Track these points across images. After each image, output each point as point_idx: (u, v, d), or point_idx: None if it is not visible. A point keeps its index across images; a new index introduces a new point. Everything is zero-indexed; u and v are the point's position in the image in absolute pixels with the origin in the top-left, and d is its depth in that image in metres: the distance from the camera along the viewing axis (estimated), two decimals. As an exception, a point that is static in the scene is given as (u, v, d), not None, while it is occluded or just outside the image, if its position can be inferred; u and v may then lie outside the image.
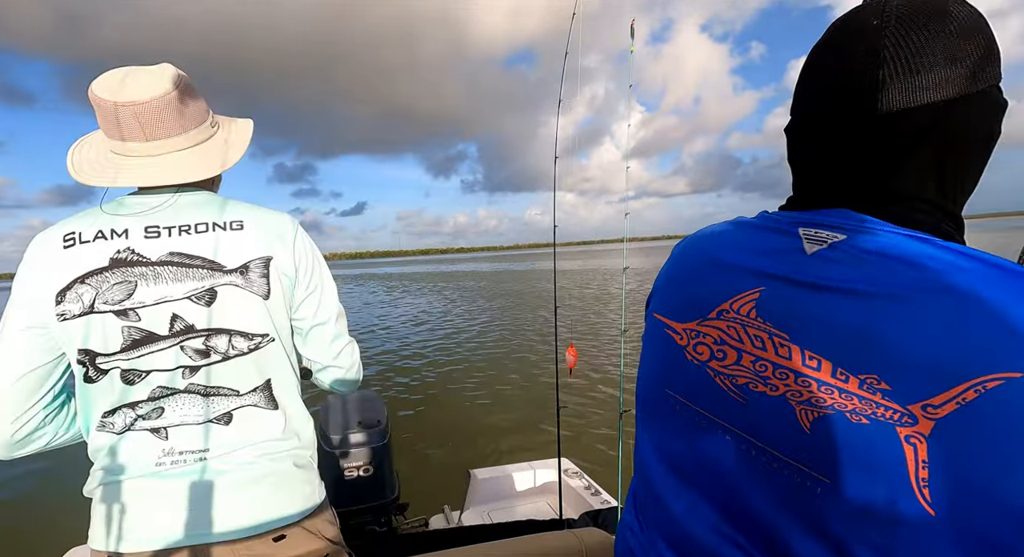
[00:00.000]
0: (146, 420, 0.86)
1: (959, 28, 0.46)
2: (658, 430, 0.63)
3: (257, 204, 0.95)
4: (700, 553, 0.55)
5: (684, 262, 0.63)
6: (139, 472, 0.86)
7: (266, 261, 0.88)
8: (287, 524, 0.90)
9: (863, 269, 0.45)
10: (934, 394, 0.39)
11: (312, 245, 0.96)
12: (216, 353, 0.86)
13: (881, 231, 0.47)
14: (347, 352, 1.02)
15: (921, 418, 0.40)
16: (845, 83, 0.50)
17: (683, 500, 0.58)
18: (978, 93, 0.47)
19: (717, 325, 0.55)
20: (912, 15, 0.47)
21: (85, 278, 0.81)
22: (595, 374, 7.21)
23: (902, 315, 0.42)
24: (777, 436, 0.48)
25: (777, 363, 0.49)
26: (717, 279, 0.56)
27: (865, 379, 0.43)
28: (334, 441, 2.30)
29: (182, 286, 0.84)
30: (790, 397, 0.47)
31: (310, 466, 0.97)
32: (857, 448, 0.43)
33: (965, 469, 0.38)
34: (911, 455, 0.40)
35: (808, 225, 0.52)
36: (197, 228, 0.86)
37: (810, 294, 0.48)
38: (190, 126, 0.87)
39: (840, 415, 0.44)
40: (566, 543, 1.24)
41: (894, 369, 0.41)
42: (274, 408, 0.92)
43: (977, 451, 0.38)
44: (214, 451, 0.87)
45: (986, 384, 0.37)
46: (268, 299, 0.88)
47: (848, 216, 0.50)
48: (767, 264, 0.52)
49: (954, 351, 0.39)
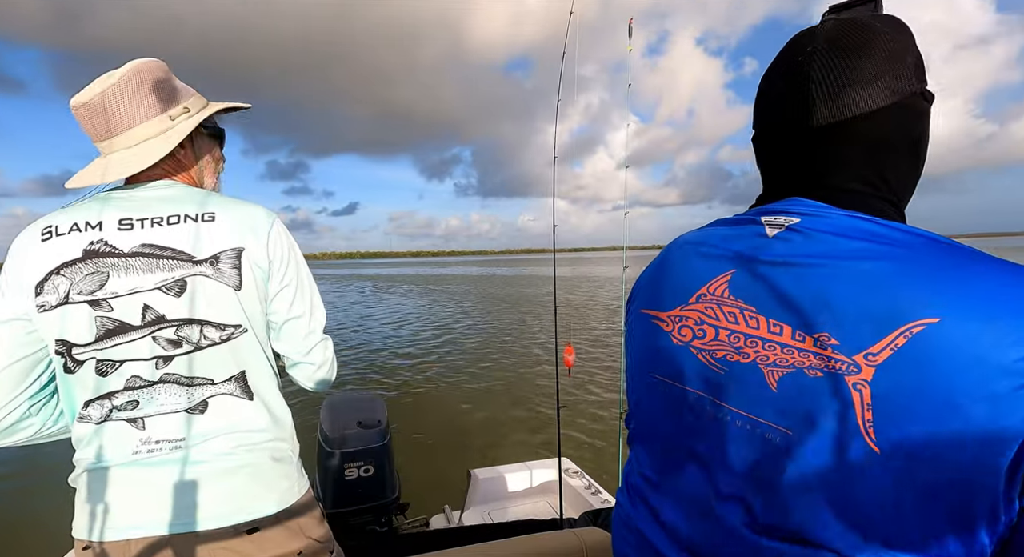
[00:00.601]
0: (122, 410, 0.87)
1: (882, 50, 0.54)
2: (646, 414, 0.68)
3: (244, 200, 0.96)
4: (696, 524, 0.59)
5: (666, 262, 0.70)
6: (117, 461, 0.87)
7: (237, 252, 0.88)
8: (261, 517, 0.90)
9: (814, 245, 0.53)
10: (873, 342, 0.45)
11: (289, 240, 0.96)
12: (188, 343, 0.87)
13: (828, 214, 0.54)
14: (319, 349, 1.02)
15: (864, 366, 0.46)
16: (786, 102, 0.58)
17: (673, 478, 0.62)
18: (898, 104, 0.54)
19: (697, 308, 0.61)
20: (839, 40, 0.55)
21: (60, 269, 0.83)
22: (593, 374, 7.21)
23: (846, 279, 0.49)
24: (750, 399, 0.54)
25: (748, 333, 0.55)
26: (696, 268, 0.64)
27: (818, 337, 0.49)
28: (334, 441, 2.29)
29: (153, 277, 0.85)
30: (759, 361, 0.53)
31: (290, 461, 0.97)
32: (814, 398, 0.48)
33: (900, 407, 0.44)
34: (857, 399, 0.46)
35: (769, 213, 0.59)
36: (169, 220, 0.87)
37: (772, 270, 0.55)
38: (152, 114, 0.89)
39: (799, 371, 0.50)
40: (566, 543, 1.25)
41: (841, 325, 0.48)
42: (249, 398, 0.92)
43: (908, 390, 0.43)
44: (190, 440, 0.88)
45: (912, 329, 0.44)
46: (240, 290, 0.88)
47: (802, 203, 0.57)
48: (736, 249, 0.60)
49: (888, 304, 0.46)
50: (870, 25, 0.55)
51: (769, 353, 0.52)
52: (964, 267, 0.46)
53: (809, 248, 0.53)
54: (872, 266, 0.48)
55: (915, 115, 0.56)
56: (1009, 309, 0.42)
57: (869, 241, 0.50)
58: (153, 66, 0.91)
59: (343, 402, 2.59)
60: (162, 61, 0.93)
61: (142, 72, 0.89)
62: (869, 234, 0.51)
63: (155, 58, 0.93)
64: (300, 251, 1.00)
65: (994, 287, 0.44)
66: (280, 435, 0.95)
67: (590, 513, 2.32)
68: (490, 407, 6.35)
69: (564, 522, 2.17)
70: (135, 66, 0.89)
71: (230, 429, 0.90)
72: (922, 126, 0.57)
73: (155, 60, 0.92)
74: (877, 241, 0.50)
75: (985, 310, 0.42)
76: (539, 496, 2.88)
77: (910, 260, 0.47)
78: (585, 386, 6.67)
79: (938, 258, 0.47)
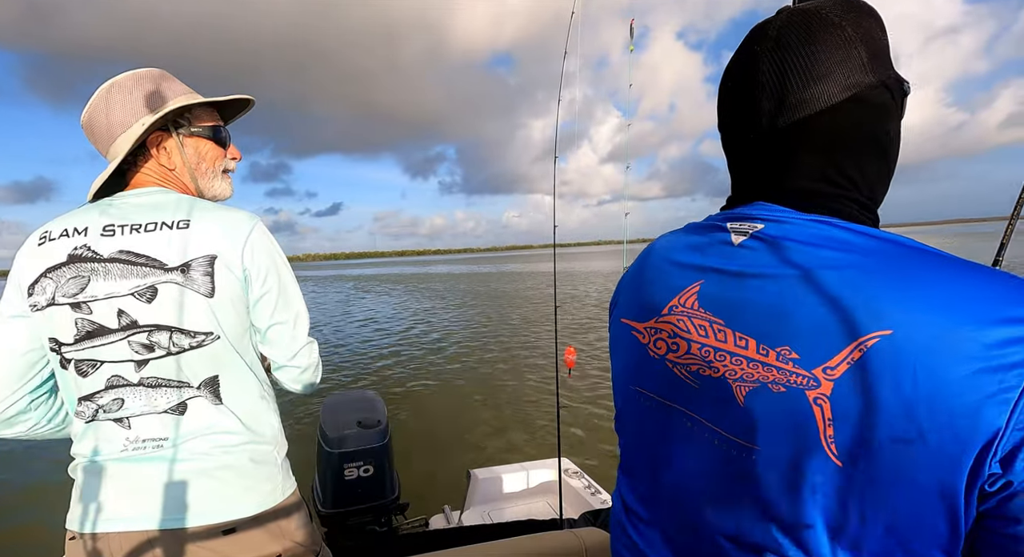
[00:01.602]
0: (107, 411, 0.90)
1: (831, 44, 0.51)
2: (634, 425, 0.68)
3: (228, 204, 0.97)
4: (675, 533, 0.60)
5: (643, 268, 0.69)
6: (106, 457, 0.91)
7: (210, 259, 0.89)
8: (238, 518, 0.91)
9: (775, 254, 0.52)
10: (831, 356, 0.45)
11: (271, 244, 0.96)
12: (160, 348, 0.88)
13: (789, 219, 0.53)
14: (305, 353, 1.02)
15: (823, 380, 0.45)
16: (737, 104, 0.58)
17: (654, 486, 0.63)
18: (854, 99, 0.52)
19: (670, 320, 0.60)
20: (785, 38, 0.53)
21: (47, 272, 0.88)
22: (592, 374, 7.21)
23: (805, 290, 0.48)
24: (720, 413, 0.54)
25: (717, 347, 0.54)
26: (668, 278, 0.63)
27: (780, 351, 0.49)
28: (334, 441, 2.29)
29: (127, 283, 0.87)
30: (727, 376, 0.53)
31: (273, 463, 0.97)
32: (777, 414, 0.48)
33: (859, 421, 0.44)
34: (819, 414, 0.45)
35: (735, 219, 0.58)
36: (147, 227, 0.89)
37: (737, 281, 0.54)
38: (128, 124, 0.93)
39: (764, 386, 0.50)
40: (566, 543, 1.25)
41: (800, 339, 0.47)
42: (219, 403, 0.93)
43: (865, 403, 0.43)
44: (172, 440, 0.90)
45: (867, 343, 0.43)
46: (212, 297, 0.89)
47: (765, 207, 0.56)
48: (704, 259, 0.59)
49: (844, 317, 0.45)
50: (822, 17, 0.52)
51: (736, 368, 0.52)
52: (921, 276, 0.44)
53: (771, 257, 0.52)
54: (832, 276, 0.47)
55: (874, 109, 0.53)
56: (963, 319, 0.41)
57: (831, 248, 0.49)
58: (129, 78, 0.94)
59: (343, 402, 2.59)
60: (153, 69, 0.97)
61: (117, 85, 0.93)
62: (831, 240, 0.49)
63: (150, 68, 0.96)
64: (284, 255, 1.00)
65: (949, 296, 0.42)
66: (257, 438, 0.96)
67: (590, 513, 2.32)
68: (490, 407, 6.36)
69: (564, 522, 2.17)
70: (112, 81, 0.94)
71: (207, 431, 0.92)
72: (884, 119, 0.54)
73: (140, 71, 0.96)
74: (839, 248, 0.49)
75: (939, 321, 0.41)
76: (539, 496, 2.88)
77: (869, 269, 0.46)
78: (586, 386, 6.68)
79: (898, 266, 0.45)
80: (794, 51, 0.52)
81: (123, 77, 0.94)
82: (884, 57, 0.53)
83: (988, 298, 0.42)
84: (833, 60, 0.51)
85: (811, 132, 0.53)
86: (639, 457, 0.67)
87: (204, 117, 1.02)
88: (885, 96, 0.53)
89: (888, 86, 0.53)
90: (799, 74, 0.52)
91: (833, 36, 0.51)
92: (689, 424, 0.58)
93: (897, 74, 0.54)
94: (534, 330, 11.93)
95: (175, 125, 0.97)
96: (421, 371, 8.37)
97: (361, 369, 8.77)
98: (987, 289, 0.42)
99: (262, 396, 0.98)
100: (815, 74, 0.51)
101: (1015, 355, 0.39)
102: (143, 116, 0.93)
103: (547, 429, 5.36)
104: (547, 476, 2.89)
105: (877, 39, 0.52)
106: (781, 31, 0.53)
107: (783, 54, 0.53)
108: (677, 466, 0.59)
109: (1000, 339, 0.40)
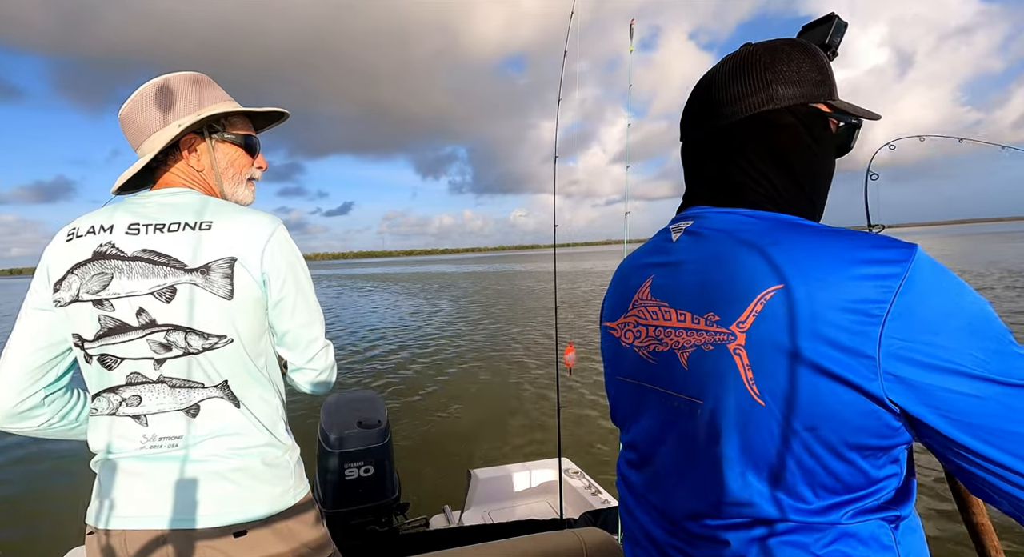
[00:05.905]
0: (128, 406, 0.91)
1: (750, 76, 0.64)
2: (620, 408, 0.78)
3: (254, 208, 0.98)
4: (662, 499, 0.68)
5: (617, 278, 0.81)
6: (124, 454, 0.92)
7: (230, 262, 0.89)
8: (249, 520, 0.91)
9: (697, 242, 0.65)
10: (741, 312, 0.56)
11: (291, 248, 0.97)
12: (177, 348, 0.89)
13: (706, 213, 0.67)
14: (321, 355, 1.04)
15: (738, 333, 0.56)
16: (687, 115, 0.73)
17: (644, 461, 0.72)
18: (753, 119, 0.64)
19: (634, 313, 0.72)
20: (728, 67, 0.67)
21: (74, 269, 0.89)
22: (592, 374, 7.21)
23: (719, 264, 0.60)
24: (672, 379, 0.65)
25: (665, 326, 0.66)
26: (631, 279, 0.75)
27: (707, 317, 0.60)
28: (334, 441, 2.29)
29: (148, 282, 0.88)
30: (673, 346, 0.64)
31: (285, 466, 0.97)
32: (711, 369, 0.59)
33: (769, 362, 0.54)
34: (739, 363, 0.56)
35: (676, 221, 0.71)
36: (170, 227, 0.90)
37: (674, 269, 0.67)
38: (161, 124, 0.96)
39: (699, 348, 0.60)
40: (567, 543, 1.25)
41: (719, 303, 0.59)
42: (236, 405, 0.93)
43: (770, 346, 0.53)
44: (185, 440, 0.91)
45: (765, 296, 0.54)
46: (231, 300, 0.89)
47: (699, 209, 0.69)
48: (654, 257, 0.72)
49: (747, 279, 0.56)
50: (764, 54, 0.65)
51: (679, 339, 0.63)
52: (801, 240, 0.56)
53: (695, 245, 0.65)
54: (737, 250, 0.59)
55: (772, 128, 0.64)
56: (834, 270, 0.52)
57: (735, 229, 0.62)
58: (173, 79, 0.97)
59: (343, 402, 2.59)
60: (198, 74, 0.99)
61: (159, 85, 0.96)
62: (735, 223, 0.63)
63: (192, 71, 0.99)
64: (303, 258, 1.00)
65: (825, 254, 0.53)
66: (271, 441, 0.96)
67: (590, 513, 2.32)
68: (491, 407, 6.36)
69: (564, 522, 2.17)
70: (156, 80, 0.96)
71: (221, 432, 0.92)
72: (784, 138, 0.64)
73: (183, 73, 0.98)
74: (741, 229, 0.61)
75: (815, 273, 0.52)
76: (539, 496, 2.88)
77: (763, 241, 0.58)
78: (587, 385, 6.67)
79: (785, 236, 0.57)
80: (729, 78, 0.66)
81: (168, 78, 0.96)
82: (802, 89, 0.64)
83: (847, 249, 0.53)
84: (749, 88, 0.65)
85: (723, 144, 0.67)
86: (628, 435, 0.77)
87: (238, 125, 1.04)
88: (789, 119, 0.64)
89: (793, 112, 0.64)
90: (723, 96, 0.66)
91: (758, 70, 0.65)
92: (654, 397, 0.68)
93: (816, 109, 0.65)
94: (536, 329, 11.93)
95: (210, 130, 0.99)
96: (421, 370, 8.37)
97: (361, 369, 8.77)
98: (847, 244, 0.53)
99: (277, 399, 0.99)
100: (730, 97, 0.66)
101: (870, 290, 0.50)
102: (181, 117, 0.95)
103: (548, 429, 5.35)
104: (548, 476, 2.89)
105: (800, 75, 0.64)
106: (734, 61, 0.67)
107: (725, 79, 0.67)
108: (654, 435, 0.69)
109: (857, 275, 0.51)
